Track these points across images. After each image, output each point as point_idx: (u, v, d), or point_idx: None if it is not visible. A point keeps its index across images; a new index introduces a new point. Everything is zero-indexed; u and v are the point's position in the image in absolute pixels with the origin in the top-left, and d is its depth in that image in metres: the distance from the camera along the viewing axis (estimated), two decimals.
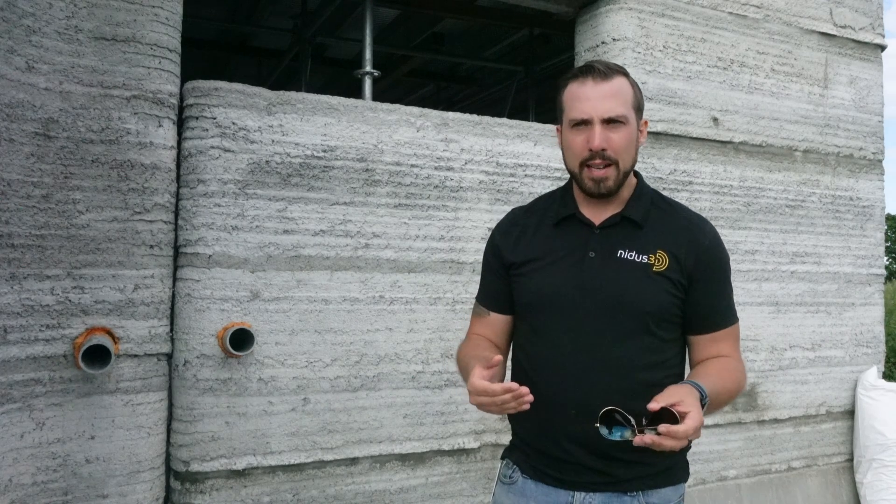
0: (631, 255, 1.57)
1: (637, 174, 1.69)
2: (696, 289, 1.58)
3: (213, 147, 2.48)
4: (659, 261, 1.56)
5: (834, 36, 3.82)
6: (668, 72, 3.34)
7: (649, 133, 3.28)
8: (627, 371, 1.54)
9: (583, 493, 1.56)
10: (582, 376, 1.54)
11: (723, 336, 1.62)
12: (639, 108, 1.60)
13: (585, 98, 1.54)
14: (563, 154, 1.64)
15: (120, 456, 2.35)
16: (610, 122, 1.53)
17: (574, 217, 1.65)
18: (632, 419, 1.38)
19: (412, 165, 2.80)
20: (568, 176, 1.69)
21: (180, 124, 2.51)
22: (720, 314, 1.62)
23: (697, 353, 1.64)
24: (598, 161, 1.54)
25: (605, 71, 1.55)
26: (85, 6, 2.30)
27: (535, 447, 1.63)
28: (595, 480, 1.55)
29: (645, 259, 1.56)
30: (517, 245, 1.69)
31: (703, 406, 1.42)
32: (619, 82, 1.55)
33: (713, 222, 1.85)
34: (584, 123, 1.54)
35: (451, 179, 2.87)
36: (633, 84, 1.59)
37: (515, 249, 1.68)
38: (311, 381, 2.63)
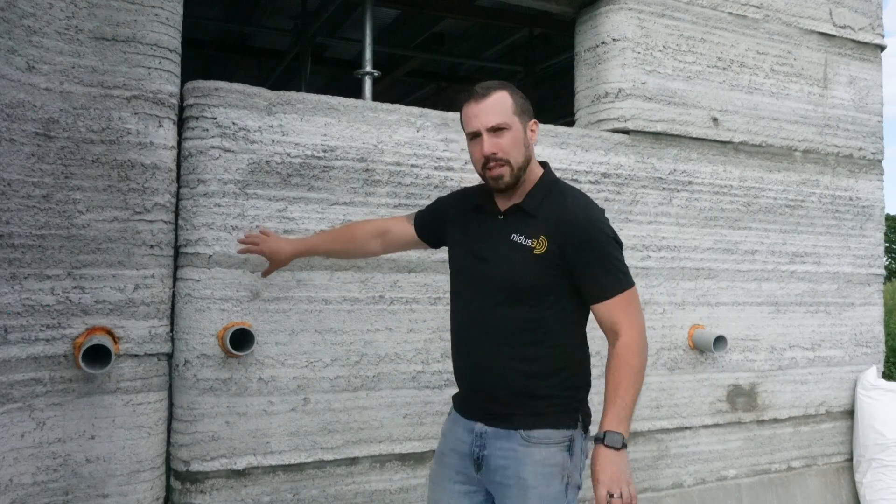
0: (520, 239, 1.90)
1: (545, 168, 2.01)
2: (575, 264, 1.87)
3: (213, 147, 2.49)
4: (539, 245, 1.87)
5: (833, 36, 3.82)
6: (667, 72, 3.34)
7: (649, 133, 3.29)
8: (507, 334, 1.90)
9: (481, 424, 1.96)
10: (475, 336, 1.96)
11: (612, 304, 1.87)
12: (523, 113, 1.92)
13: (473, 115, 1.90)
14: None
15: (120, 456, 2.36)
16: (495, 130, 1.88)
17: (487, 205, 2.02)
18: None
19: (412, 165, 2.80)
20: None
21: (180, 124, 2.51)
22: (602, 285, 1.88)
23: (597, 319, 1.92)
24: (492, 164, 1.89)
25: (482, 91, 1.90)
26: (85, 6, 2.30)
27: (459, 388, 2.09)
28: (486, 416, 1.95)
29: (529, 243, 1.89)
30: (454, 217, 2.11)
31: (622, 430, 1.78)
32: (497, 97, 1.89)
33: (713, 222, 1.84)
34: (477, 135, 1.91)
35: (452, 179, 2.87)
36: (515, 95, 1.92)
37: (454, 220, 2.10)
38: (311, 380, 2.63)
